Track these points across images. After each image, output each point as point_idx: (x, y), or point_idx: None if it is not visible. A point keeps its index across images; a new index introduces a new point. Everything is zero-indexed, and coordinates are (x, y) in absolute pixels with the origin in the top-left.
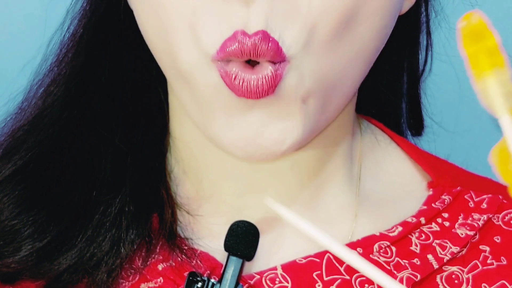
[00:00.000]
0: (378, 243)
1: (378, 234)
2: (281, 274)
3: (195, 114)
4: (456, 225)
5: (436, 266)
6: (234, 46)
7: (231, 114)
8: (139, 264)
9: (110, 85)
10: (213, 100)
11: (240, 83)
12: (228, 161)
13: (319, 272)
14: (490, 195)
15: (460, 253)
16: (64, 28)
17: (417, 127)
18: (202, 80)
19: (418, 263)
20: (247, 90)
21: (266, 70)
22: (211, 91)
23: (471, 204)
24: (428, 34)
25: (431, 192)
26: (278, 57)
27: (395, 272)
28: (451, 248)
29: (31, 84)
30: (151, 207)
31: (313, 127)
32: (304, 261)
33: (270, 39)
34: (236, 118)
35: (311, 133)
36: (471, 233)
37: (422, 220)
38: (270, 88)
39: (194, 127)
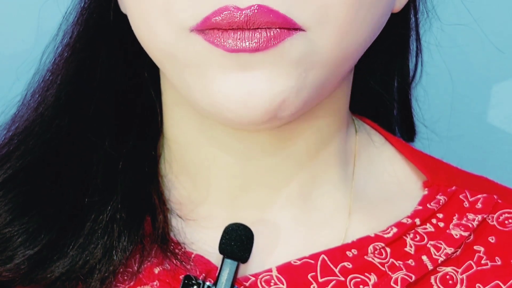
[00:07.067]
0: (373, 244)
1: (373, 235)
2: (276, 275)
3: (188, 91)
4: (451, 226)
5: (430, 267)
6: (222, 15)
7: (224, 73)
8: (135, 268)
9: (101, 92)
10: (204, 65)
11: (232, 35)
12: (223, 156)
13: (314, 273)
14: (485, 195)
15: (455, 254)
16: (58, 40)
17: (409, 133)
18: (186, 51)
19: (413, 264)
20: (240, 43)
21: (266, 31)
22: (199, 57)
23: (466, 204)
24: (418, 40)
25: (426, 192)
26: (287, 24)
27: (390, 273)
28: (445, 249)
29: (25, 94)
30: (143, 213)
31: (308, 97)
32: (299, 262)
33: (272, 10)
34: (230, 77)
35: (305, 104)
36: (466, 233)
37: (417, 221)
38: (270, 41)
39: (189, 126)
